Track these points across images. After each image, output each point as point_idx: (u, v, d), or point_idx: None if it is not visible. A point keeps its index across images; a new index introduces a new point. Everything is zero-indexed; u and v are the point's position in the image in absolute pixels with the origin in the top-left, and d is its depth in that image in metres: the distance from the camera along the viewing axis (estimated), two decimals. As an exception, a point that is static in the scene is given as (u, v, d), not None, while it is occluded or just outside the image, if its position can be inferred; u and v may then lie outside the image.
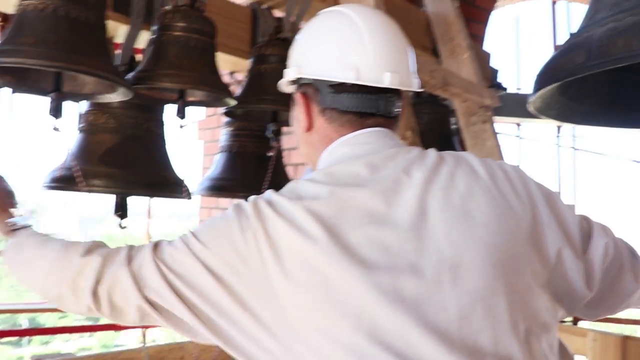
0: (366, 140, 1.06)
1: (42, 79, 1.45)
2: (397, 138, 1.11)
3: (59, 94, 1.35)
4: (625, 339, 2.39)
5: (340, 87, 1.07)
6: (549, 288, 0.94)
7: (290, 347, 0.87)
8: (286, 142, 3.53)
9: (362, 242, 0.88)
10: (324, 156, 1.10)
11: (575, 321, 6.53)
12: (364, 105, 1.07)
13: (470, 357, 0.83)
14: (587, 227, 1.04)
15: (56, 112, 1.34)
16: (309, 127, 1.13)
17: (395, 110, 1.11)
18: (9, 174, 1.47)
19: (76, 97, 1.52)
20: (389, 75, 1.06)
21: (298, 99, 1.15)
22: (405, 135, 1.49)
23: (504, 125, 6.34)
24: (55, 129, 1.35)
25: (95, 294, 0.98)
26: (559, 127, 6.55)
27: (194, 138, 4.65)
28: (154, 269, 0.94)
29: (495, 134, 2.09)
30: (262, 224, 0.91)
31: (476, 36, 4.04)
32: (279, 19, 1.97)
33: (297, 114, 1.16)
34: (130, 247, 1.01)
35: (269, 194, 0.97)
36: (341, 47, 1.08)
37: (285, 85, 1.21)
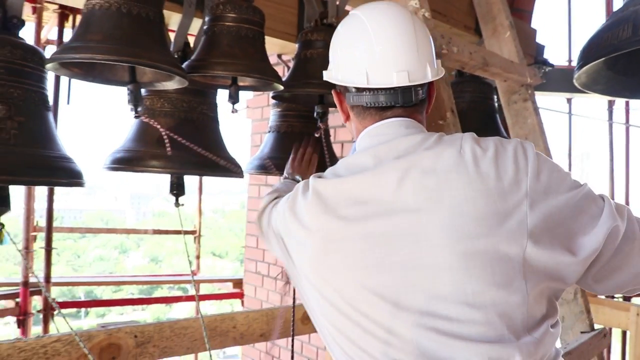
0: (381, 132, 1.20)
1: (106, 69, 1.57)
2: (417, 125, 1.22)
3: (136, 85, 1.48)
4: (668, 313, 2.41)
5: (359, 88, 1.21)
6: (522, 266, 1.01)
7: (318, 288, 1.14)
8: (332, 120, 3.62)
9: (350, 216, 1.09)
10: (353, 147, 1.28)
11: (627, 298, 6.47)
12: (381, 100, 1.20)
13: (410, 315, 1.03)
14: (598, 207, 1.08)
15: (136, 101, 1.48)
16: (347, 119, 1.32)
17: (417, 97, 1.21)
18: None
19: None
20: (396, 75, 1.17)
21: (334, 95, 1.33)
22: (446, 116, 1.55)
23: (555, 101, 6.23)
24: (137, 116, 1.50)
25: (259, 219, 1.44)
26: (610, 102, 6.39)
27: (242, 116, 4.77)
28: (269, 222, 1.34)
29: (536, 111, 2.13)
30: (293, 201, 1.19)
31: (524, 11, 4.02)
32: (324, 4, 2.03)
33: (338, 107, 1.35)
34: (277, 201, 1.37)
35: (311, 177, 1.21)
36: (355, 53, 1.22)
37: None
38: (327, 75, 1.32)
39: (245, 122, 4.79)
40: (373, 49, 1.19)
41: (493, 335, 1.00)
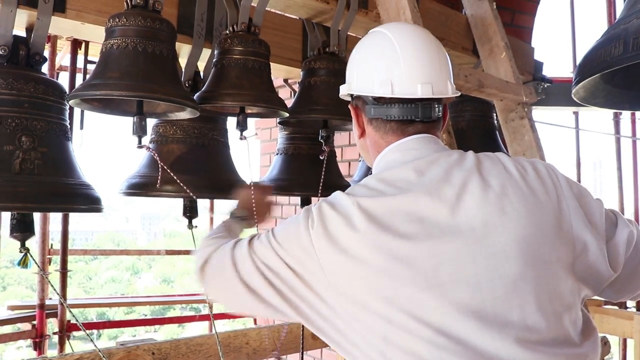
0: (413, 147, 1.22)
1: (123, 103, 1.68)
2: (440, 142, 1.27)
3: (141, 117, 1.58)
4: (670, 322, 2.47)
5: (382, 100, 1.24)
6: (573, 272, 1.09)
7: (349, 322, 1.07)
8: (339, 140, 3.73)
9: (407, 234, 1.05)
10: (377, 161, 1.28)
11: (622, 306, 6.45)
12: (403, 113, 1.22)
13: (500, 329, 1.00)
14: (613, 218, 1.19)
15: (140, 131, 1.58)
16: (362, 134, 1.33)
17: (435, 114, 1.25)
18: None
19: (151, 116, 1.76)
20: (421, 87, 1.21)
21: (351, 110, 1.34)
22: (442, 137, 1.63)
23: (562, 114, 6.27)
24: (140, 146, 1.59)
25: (202, 270, 1.32)
26: (615, 113, 6.42)
27: (251, 138, 4.86)
28: (248, 258, 1.19)
29: (533, 128, 2.21)
30: (323, 222, 1.10)
31: (524, 28, 4.10)
32: (326, 34, 2.14)
33: (354, 123, 1.36)
34: (237, 240, 1.29)
35: (333, 195, 1.16)
36: (379, 64, 1.25)
37: (343, 96, 1.40)
38: (346, 89, 1.34)
39: (254, 143, 4.90)
40: (399, 61, 1.22)
41: (567, 340, 1.05)
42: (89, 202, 1.66)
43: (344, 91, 1.36)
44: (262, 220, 1.74)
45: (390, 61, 1.24)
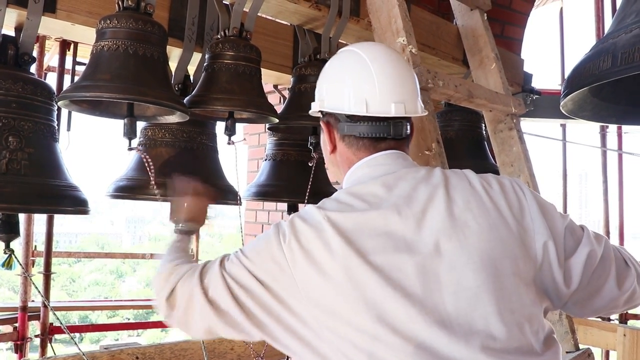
0: (382, 162, 1.25)
1: (112, 105, 1.67)
2: (409, 158, 1.30)
3: (132, 119, 1.57)
4: (654, 334, 2.49)
5: (355, 117, 1.27)
6: (535, 284, 1.13)
7: (323, 336, 1.08)
8: (327, 147, 3.72)
9: (375, 248, 1.08)
10: (347, 176, 1.30)
11: (624, 321, 6.50)
12: (375, 131, 1.26)
13: (467, 338, 1.04)
14: (579, 235, 1.22)
15: (130, 134, 1.57)
16: (332, 150, 1.35)
17: (405, 132, 1.29)
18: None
19: (140, 119, 1.75)
20: (394, 106, 1.25)
21: (323, 126, 1.36)
22: (431, 147, 1.64)
23: (549, 126, 6.32)
24: (130, 148, 1.59)
25: (168, 300, 1.26)
26: (602, 126, 6.48)
27: (239, 143, 4.86)
28: (219, 278, 1.17)
29: (522, 139, 2.22)
30: (297, 236, 1.12)
31: (514, 39, 4.14)
32: (317, 40, 2.14)
33: (324, 138, 1.37)
34: (207, 261, 1.27)
35: (304, 210, 1.19)
36: (353, 83, 1.28)
37: (314, 113, 1.42)
38: (317, 106, 1.36)
39: (242, 148, 4.89)
40: (373, 80, 1.25)
41: (530, 350, 1.09)
42: (76, 204, 1.65)
43: (315, 108, 1.38)
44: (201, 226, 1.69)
45: (364, 80, 1.27)
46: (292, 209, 2.34)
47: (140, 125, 2.01)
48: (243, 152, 4.84)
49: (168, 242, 1.52)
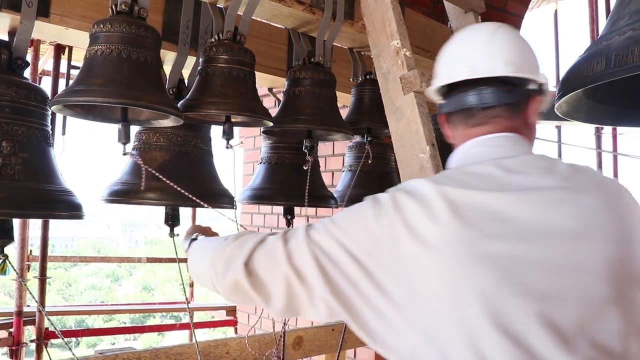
0: (499, 144, 1.15)
1: (106, 109, 1.67)
2: (527, 143, 1.19)
3: (126, 124, 1.57)
4: None
5: (461, 88, 1.20)
6: None
7: (415, 322, 0.97)
8: (322, 150, 3.73)
9: (495, 234, 0.97)
10: (457, 153, 1.22)
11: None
12: (484, 99, 1.17)
13: (577, 351, 0.92)
14: None
15: (125, 139, 1.57)
16: (447, 130, 1.30)
17: (517, 105, 1.18)
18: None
19: (134, 123, 1.75)
20: (504, 65, 1.15)
21: (440, 119, 1.31)
22: (426, 149, 1.64)
23: (545, 128, 6.34)
24: (125, 153, 1.58)
25: (246, 265, 1.14)
26: (597, 128, 6.50)
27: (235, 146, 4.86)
28: (305, 246, 1.08)
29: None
30: (399, 211, 1.01)
31: (516, 15, 4.15)
32: (312, 43, 2.14)
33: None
34: (286, 230, 1.17)
35: (408, 183, 1.08)
36: (460, 52, 1.24)
37: (433, 95, 1.35)
38: (429, 91, 1.32)
39: (238, 151, 4.89)
40: (483, 44, 1.18)
41: None
42: (70, 209, 1.64)
43: (431, 89, 1.32)
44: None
45: (474, 45, 1.21)
46: (288, 212, 2.33)
47: (135, 129, 2.01)
48: (239, 155, 4.85)
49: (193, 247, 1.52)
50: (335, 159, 3.61)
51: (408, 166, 1.68)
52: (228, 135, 1.82)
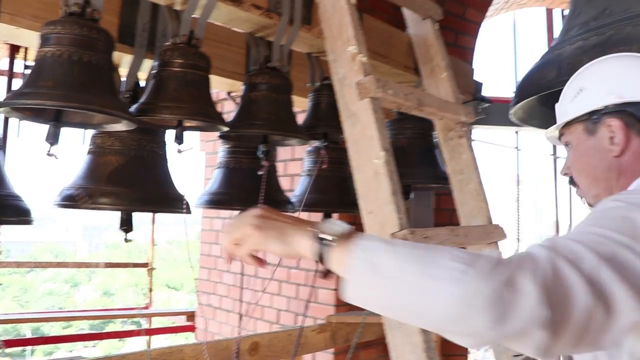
0: None
1: (57, 113, 1.64)
2: None
3: (57, 124, 1.53)
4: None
5: None
6: None
7: None
8: (282, 154, 3.73)
9: None
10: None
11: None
12: None
13: None
14: None
15: (53, 139, 1.53)
16: (621, 152, 1.26)
17: None
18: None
19: (86, 126, 1.72)
20: None
21: (613, 125, 1.27)
22: (380, 155, 1.65)
23: (504, 134, 6.45)
24: (50, 154, 1.53)
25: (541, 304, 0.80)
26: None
27: (196, 150, 4.83)
28: (596, 262, 0.85)
29: (471, 147, 2.26)
30: None
31: (466, 48, 4.23)
32: (269, 48, 2.14)
33: (596, 142, 1.31)
34: (527, 254, 0.88)
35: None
36: None
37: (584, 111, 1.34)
38: (611, 99, 1.28)
39: (199, 155, 4.86)
40: None
41: None
42: (18, 214, 1.61)
43: (608, 102, 1.29)
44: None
45: None
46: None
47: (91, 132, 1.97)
48: (200, 159, 4.81)
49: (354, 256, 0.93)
50: (295, 163, 3.61)
51: (362, 171, 1.68)
52: (179, 140, 1.80)
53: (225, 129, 1.86)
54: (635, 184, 1.22)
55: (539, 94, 2.72)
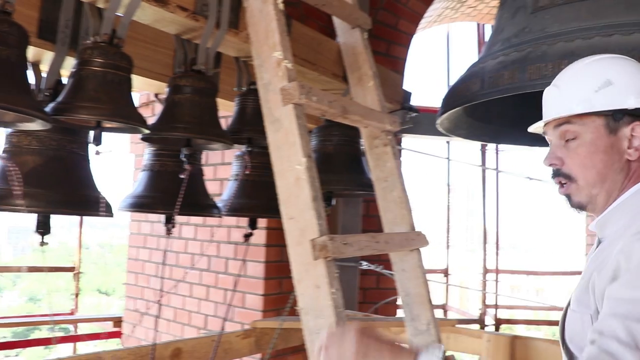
0: None
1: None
2: None
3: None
4: (514, 339, 2.67)
5: None
6: None
7: None
8: (212, 158, 3.70)
9: None
10: None
11: (497, 327, 6.87)
12: None
13: None
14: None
15: None
16: (638, 157, 1.28)
17: None
18: None
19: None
20: None
21: (638, 129, 1.28)
22: (302, 161, 1.66)
23: (437, 144, 6.61)
24: None
25: None
26: (482, 144, 6.86)
27: (125, 152, 4.74)
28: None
29: (395, 156, 2.29)
30: None
31: (398, 58, 4.31)
32: (195, 50, 2.12)
33: (615, 141, 1.30)
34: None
35: None
36: None
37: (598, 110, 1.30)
38: (634, 102, 1.27)
39: (128, 157, 4.76)
40: None
41: None
42: None
43: (615, 105, 1.29)
44: None
45: None
46: (168, 220, 2.29)
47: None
48: (130, 161, 4.72)
49: None
50: (225, 167, 3.58)
51: (284, 177, 1.69)
52: (97, 141, 1.76)
53: (147, 131, 1.83)
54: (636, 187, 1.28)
55: (463, 106, 2.81)
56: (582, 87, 1.33)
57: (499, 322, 6.90)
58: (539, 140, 3.60)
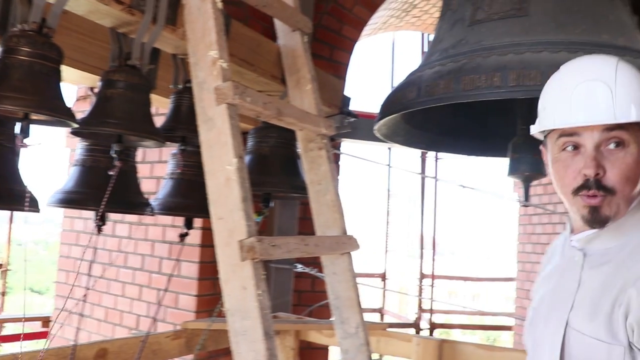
0: None
1: None
2: None
3: None
4: (442, 342, 2.73)
5: None
6: None
7: None
8: (149, 156, 3.64)
9: None
10: None
11: (431, 331, 7.00)
12: None
13: None
14: None
15: None
16: None
17: None
18: None
19: None
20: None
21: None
22: (232, 162, 1.66)
23: (378, 149, 6.70)
24: None
25: None
26: (422, 152, 7.00)
27: (61, 146, 4.62)
28: None
29: (330, 159, 2.31)
30: None
31: (340, 63, 4.35)
32: (129, 45, 2.08)
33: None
34: None
35: None
36: None
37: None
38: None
39: (64, 151, 4.64)
40: None
41: None
42: None
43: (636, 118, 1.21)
44: None
45: None
46: (100, 218, 2.23)
47: None
48: (65, 155, 4.60)
49: None
50: (162, 165, 3.53)
51: (214, 177, 1.68)
52: (25, 133, 1.71)
53: (75, 125, 1.79)
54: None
55: (400, 113, 2.86)
56: (630, 90, 1.23)
57: (433, 327, 7.05)
58: (473, 150, 3.72)
